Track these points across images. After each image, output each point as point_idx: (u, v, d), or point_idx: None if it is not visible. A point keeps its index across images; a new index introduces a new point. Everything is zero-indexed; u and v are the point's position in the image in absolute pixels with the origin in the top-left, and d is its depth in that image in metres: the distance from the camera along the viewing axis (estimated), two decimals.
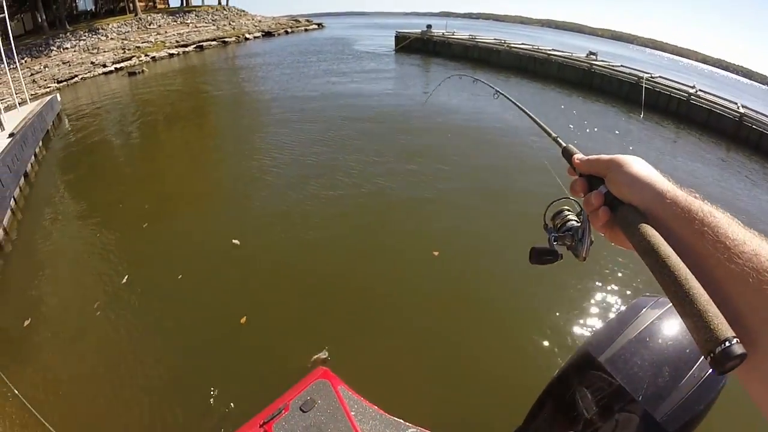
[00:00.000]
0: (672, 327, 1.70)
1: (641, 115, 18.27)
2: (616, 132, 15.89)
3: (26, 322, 5.57)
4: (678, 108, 19.70)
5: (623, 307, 1.80)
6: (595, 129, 15.31)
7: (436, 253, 6.93)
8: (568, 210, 1.02)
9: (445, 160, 10.96)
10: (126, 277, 6.39)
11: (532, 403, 1.98)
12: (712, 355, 0.53)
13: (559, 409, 1.70)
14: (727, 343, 0.52)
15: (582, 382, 1.66)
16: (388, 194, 8.98)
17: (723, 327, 0.53)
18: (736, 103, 19.04)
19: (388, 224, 8.01)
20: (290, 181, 9.61)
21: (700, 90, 20.60)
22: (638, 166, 0.77)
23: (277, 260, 6.88)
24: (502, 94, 1.92)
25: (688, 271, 0.60)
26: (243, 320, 5.57)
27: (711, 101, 19.17)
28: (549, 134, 1.20)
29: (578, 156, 0.92)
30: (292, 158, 10.98)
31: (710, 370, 1.29)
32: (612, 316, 4.99)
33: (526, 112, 1.51)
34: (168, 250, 7.33)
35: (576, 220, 0.98)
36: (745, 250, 0.57)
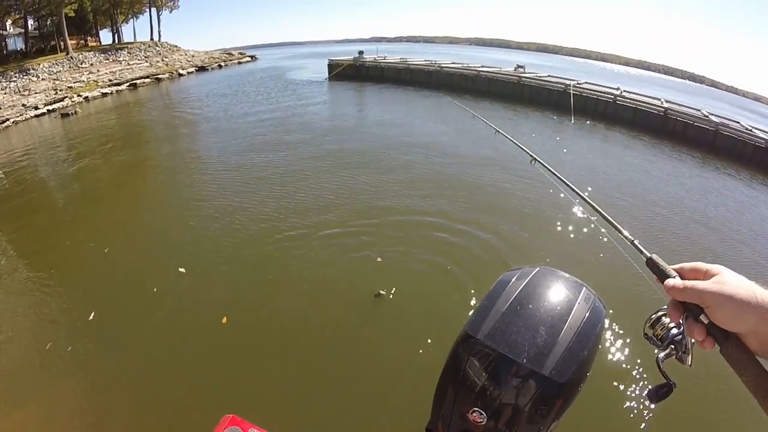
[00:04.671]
0: (539, 293, 1.82)
1: (572, 120, 19.08)
2: (551, 136, 16.55)
3: None
4: (606, 109, 20.80)
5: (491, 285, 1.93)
6: (532, 136, 15.88)
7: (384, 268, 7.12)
8: (666, 316, 0.94)
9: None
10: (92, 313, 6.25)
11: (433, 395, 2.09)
12: None
13: (458, 391, 1.79)
14: None
15: (469, 361, 1.76)
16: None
17: None
18: (659, 99, 20.29)
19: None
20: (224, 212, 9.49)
21: (625, 91, 21.79)
22: (738, 292, 0.73)
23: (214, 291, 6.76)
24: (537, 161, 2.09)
25: None
26: (224, 320, 5.80)
27: (636, 100, 20.41)
28: (626, 238, 1.14)
29: (671, 283, 0.85)
30: (224, 190, 10.87)
31: (585, 318, 1.41)
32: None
33: (597, 209, 1.57)
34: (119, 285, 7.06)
35: (677, 328, 0.92)
36: None
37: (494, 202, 9.85)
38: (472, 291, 6.43)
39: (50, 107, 25.65)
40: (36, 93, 27.35)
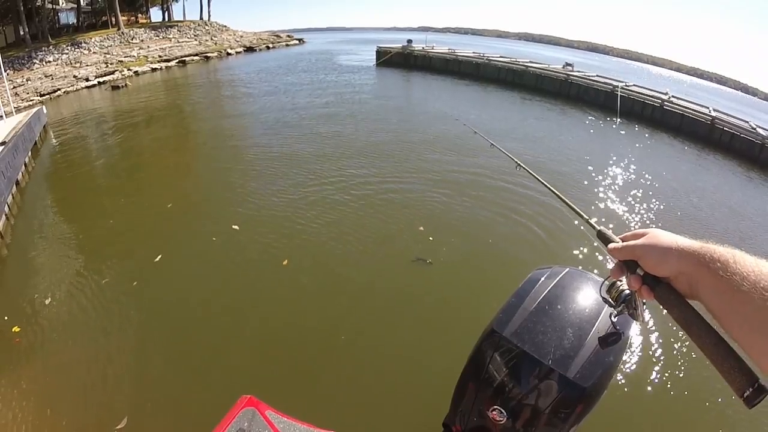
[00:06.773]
0: (568, 293, 1.82)
1: (617, 121, 18.75)
2: (592, 133, 16.48)
3: (47, 301, 5.85)
4: (652, 113, 20.35)
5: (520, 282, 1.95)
6: (575, 135, 15.67)
7: (421, 250, 7.21)
8: (620, 281, 1.11)
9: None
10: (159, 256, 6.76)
11: (453, 390, 2.09)
12: (742, 396, 0.68)
13: (479, 388, 1.80)
14: (750, 389, 0.67)
15: (493, 358, 1.77)
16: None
17: (746, 377, 0.69)
18: (707, 108, 19.68)
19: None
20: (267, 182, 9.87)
21: (673, 96, 21.20)
22: (662, 241, 0.87)
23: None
24: (524, 167, 2.11)
25: (718, 335, 0.75)
26: (285, 262, 6.48)
27: (683, 107, 19.84)
28: (581, 216, 1.33)
29: (611, 245, 1.01)
30: (271, 163, 11.19)
31: (614, 323, 1.47)
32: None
33: (556, 193, 1.67)
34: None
35: (628, 290, 1.08)
36: (749, 276, 0.68)
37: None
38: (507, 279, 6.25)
39: (101, 79, 26.53)
40: (87, 65, 28.18)
